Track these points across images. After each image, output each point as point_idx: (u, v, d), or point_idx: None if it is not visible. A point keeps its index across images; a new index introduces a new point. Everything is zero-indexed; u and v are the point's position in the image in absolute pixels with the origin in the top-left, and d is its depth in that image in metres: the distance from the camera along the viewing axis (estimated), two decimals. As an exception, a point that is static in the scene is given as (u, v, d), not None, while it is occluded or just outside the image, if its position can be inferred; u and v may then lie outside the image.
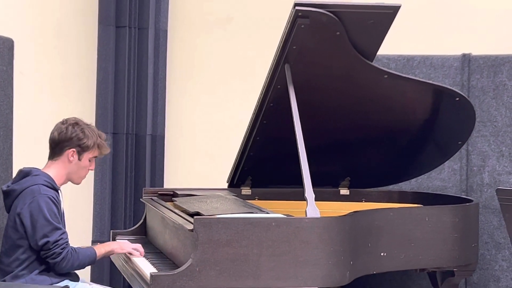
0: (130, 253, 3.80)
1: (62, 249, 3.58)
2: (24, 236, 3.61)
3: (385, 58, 4.83)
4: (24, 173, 3.71)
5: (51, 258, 3.59)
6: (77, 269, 3.70)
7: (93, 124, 5.14)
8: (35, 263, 3.63)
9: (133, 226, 4.51)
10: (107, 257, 3.96)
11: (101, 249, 3.76)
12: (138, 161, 5.40)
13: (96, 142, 3.78)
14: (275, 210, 3.72)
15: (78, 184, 3.87)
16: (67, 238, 3.63)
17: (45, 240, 3.56)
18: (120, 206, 5.33)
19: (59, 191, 3.75)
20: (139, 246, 3.84)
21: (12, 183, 3.73)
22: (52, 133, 3.78)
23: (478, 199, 4.64)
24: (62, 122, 3.79)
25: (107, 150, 3.87)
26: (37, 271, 3.63)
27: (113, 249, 3.81)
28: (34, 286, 3.56)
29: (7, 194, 3.71)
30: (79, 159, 3.76)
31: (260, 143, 4.16)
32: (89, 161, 3.80)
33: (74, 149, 3.74)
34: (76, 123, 3.78)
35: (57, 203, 3.65)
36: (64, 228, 3.72)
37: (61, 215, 3.70)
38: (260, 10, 5.52)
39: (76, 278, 3.75)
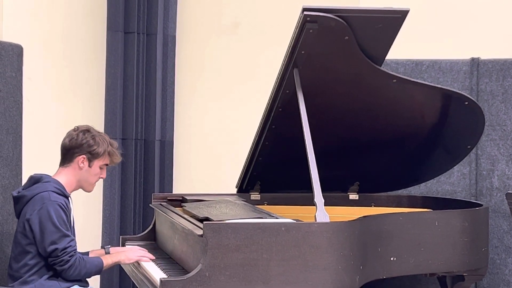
0: (138, 261, 3.80)
1: (70, 256, 3.58)
2: (33, 242, 3.62)
3: (394, 62, 4.83)
4: (35, 180, 3.72)
5: (59, 265, 3.59)
6: (84, 278, 3.70)
7: (102, 129, 5.19)
8: (44, 268, 3.64)
9: (142, 232, 4.52)
10: (115, 265, 3.96)
11: (108, 260, 3.76)
12: (147, 167, 5.40)
13: (107, 150, 3.79)
14: (285, 215, 3.72)
15: (89, 191, 3.87)
16: (75, 245, 3.64)
17: (53, 247, 3.57)
18: (129, 212, 5.34)
19: (69, 198, 3.75)
20: (146, 252, 3.84)
21: (22, 189, 3.74)
22: (63, 140, 3.80)
23: (488, 203, 4.63)
24: (74, 129, 3.81)
25: (118, 159, 3.88)
26: (46, 276, 3.64)
27: (120, 260, 3.81)
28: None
29: (17, 200, 3.72)
30: (90, 166, 3.77)
31: (269, 148, 4.16)
32: (100, 168, 3.81)
33: (84, 156, 3.75)
34: (87, 130, 3.79)
35: (66, 210, 3.66)
36: (74, 235, 3.73)
37: (70, 222, 3.71)
38: (268, 15, 5.52)
39: (85, 284, 3.76)
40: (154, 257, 3.81)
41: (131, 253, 3.82)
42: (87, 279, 3.79)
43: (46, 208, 3.60)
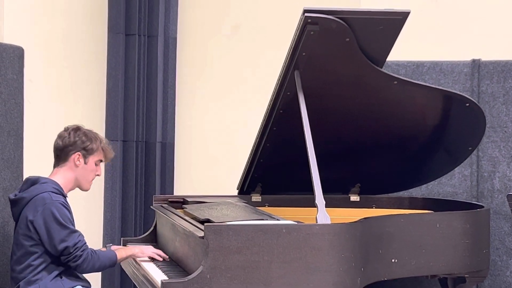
0: (152, 258, 3.81)
1: (82, 251, 3.61)
2: (39, 242, 3.63)
3: (395, 64, 4.83)
4: (32, 181, 3.73)
5: (73, 262, 3.61)
6: (98, 271, 3.74)
7: (103, 131, 5.20)
8: (49, 268, 3.66)
9: (143, 234, 4.52)
10: (118, 265, 3.97)
11: (121, 252, 3.79)
12: (148, 169, 5.40)
13: (100, 146, 3.83)
14: (286, 216, 3.71)
15: (86, 190, 3.88)
16: (84, 239, 3.66)
17: (64, 245, 3.58)
18: (130, 214, 5.34)
19: (66, 198, 3.76)
20: (160, 251, 3.86)
21: (19, 192, 3.74)
22: (55, 142, 3.82)
23: (489, 205, 4.63)
24: (64, 130, 3.85)
25: (112, 154, 3.92)
26: (50, 276, 3.65)
27: (134, 253, 3.83)
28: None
29: (15, 202, 3.73)
30: (85, 163, 3.80)
31: (270, 150, 4.16)
32: (96, 165, 3.83)
33: (79, 153, 3.78)
34: (78, 128, 3.84)
35: (68, 208, 3.68)
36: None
37: (73, 219, 3.72)
38: (268, 17, 5.52)
39: (87, 284, 3.77)
40: (167, 257, 3.82)
41: (146, 248, 3.84)
42: (88, 280, 3.80)
43: (49, 208, 3.61)
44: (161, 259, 3.80)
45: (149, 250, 3.85)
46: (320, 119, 3.80)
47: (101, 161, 3.87)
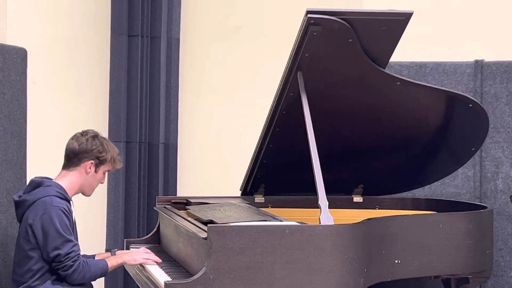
0: (144, 263, 3.80)
1: (73, 261, 3.58)
2: (36, 247, 3.62)
3: (398, 64, 4.83)
4: (36, 184, 3.72)
5: (63, 270, 3.59)
6: (89, 281, 3.70)
7: (107, 132, 5.20)
8: (48, 273, 3.64)
9: (146, 235, 4.52)
10: (120, 266, 3.96)
11: (113, 261, 3.75)
12: (151, 170, 5.41)
13: (113, 157, 3.82)
14: (289, 217, 3.71)
15: (88, 196, 3.88)
16: (78, 250, 3.64)
17: (56, 252, 3.57)
18: (133, 215, 5.34)
19: (70, 201, 3.76)
20: (152, 254, 3.84)
21: (23, 193, 3.73)
22: (71, 143, 3.78)
23: (492, 206, 4.62)
24: (82, 134, 3.81)
25: (119, 165, 3.92)
26: (50, 281, 3.64)
27: (125, 261, 3.80)
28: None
29: (18, 204, 3.72)
30: (96, 171, 3.79)
31: (273, 151, 4.16)
32: (103, 174, 3.83)
33: (92, 161, 3.76)
34: (96, 135, 3.81)
35: (69, 214, 3.66)
36: (76, 239, 3.73)
37: (72, 226, 3.71)
38: (271, 18, 5.52)
39: (89, 286, 3.76)
40: (160, 260, 3.80)
41: (137, 255, 3.82)
42: (91, 282, 3.79)
43: (49, 213, 3.59)
44: (154, 264, 3.76)
45: (140, 256, 3.80)
46: (323, 120, 3.80)
47: (108, 170, 3.88)
